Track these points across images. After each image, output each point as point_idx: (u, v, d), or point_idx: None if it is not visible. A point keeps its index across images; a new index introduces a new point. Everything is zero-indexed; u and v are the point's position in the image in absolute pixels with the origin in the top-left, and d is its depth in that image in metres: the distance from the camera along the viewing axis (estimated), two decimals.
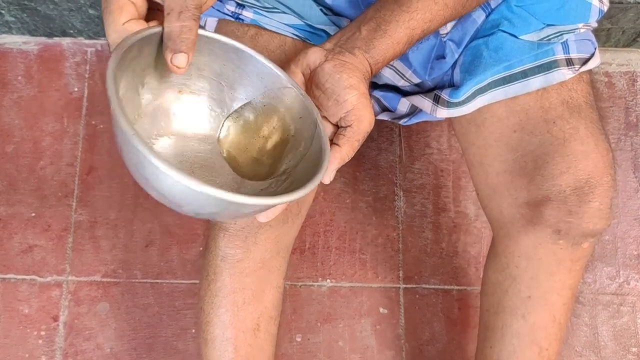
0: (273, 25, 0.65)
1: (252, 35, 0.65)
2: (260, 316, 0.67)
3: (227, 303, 0.65)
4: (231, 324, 0.66)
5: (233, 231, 0.63)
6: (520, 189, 0.64)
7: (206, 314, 0.67)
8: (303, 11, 0.65)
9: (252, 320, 0.66)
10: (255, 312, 0.66)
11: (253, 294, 0.65)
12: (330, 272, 0.95)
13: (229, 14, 0.66)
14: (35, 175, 0.96)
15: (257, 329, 0.66)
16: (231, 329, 0.66)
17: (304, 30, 0.65)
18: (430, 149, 1.00)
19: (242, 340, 0.66)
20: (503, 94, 0.65)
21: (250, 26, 0.65)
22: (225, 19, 0.67)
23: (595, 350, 0.94)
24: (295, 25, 0.65)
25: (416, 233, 0.97)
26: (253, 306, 0.66)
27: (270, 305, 0.69)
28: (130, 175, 0.99)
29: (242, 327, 0.66)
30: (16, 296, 0.91)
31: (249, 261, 0.65)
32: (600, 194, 0.61)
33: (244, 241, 0.64)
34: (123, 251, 0.93)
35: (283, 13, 0.64)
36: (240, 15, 0.65)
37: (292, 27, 0.65)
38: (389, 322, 0.94)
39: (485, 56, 0.65)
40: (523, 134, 0.64)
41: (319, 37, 0.66)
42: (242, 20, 0.65)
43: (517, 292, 0.67)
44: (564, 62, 0.64)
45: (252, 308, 0.66)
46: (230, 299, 0.65)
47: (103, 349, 0.90)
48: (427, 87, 0.71)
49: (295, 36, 0.65)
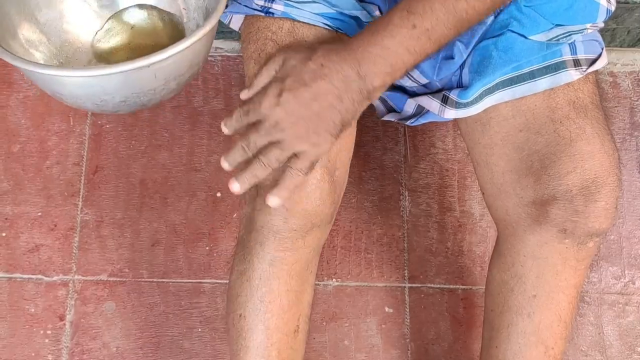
0: (305, 17, 0.64)
1: (288, 29, 0.64)
2: (300, 317, 0.66)
3: (273, 308, 0.63)
4: (277, 328, 0.64)
5: (284, 233, 0.61)
6: (526, 188, 0.64)
7: (248, 320, 0.64)
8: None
9: (294, 322, 0.65)
10: (297, 314, 0.66)
11: (295, 295, 0.65)
12: (336, 272, 0.95)
13: (258, 8, 0.66)
14: (41, 174, 0.96)
15: (297, 330, 0.66)
16: (277, 333, 0.64)
17: (336, 19, 0.65)
18: (436, 149, 1.01)
19: (285, 343, 0.65)
20: (510, 95, 0.65)
21: (284, 20, 0.64)
22: (255, 14, 0.66)
23: (600, 350, 0.94)
24: (327, 14, 0.64)
25: (421, 232, 0.97)
26: (296, 308, 0.65)
27: (307, 304, 0.68)
28: (137, 175, 1.00)
29: (286, 330, 0.65)
30: (22, 295, 0.91)
31: (297, 264, 0.64)
32: (606, 194, 0.62)
33: (294, 243, 0.62)
34: (129, 250, 0.94)
35: (314, 2, 0.64)
36: (270, 9, 0.65)
37: (323, 17, 0.64)
38: (394, 321, 0.94)
39: (495, 57, 0.65)
40: (529, 134, 0.64)
41: (350, 26, 0.66)
42: (273, 14, 0.65)
43: (523, 291, 0.68)
44: (572, 63, 0.64)
45: (295, 309, 0.65)
46: (277, 304, 0.64)
47: (109, 348, 0.90)
48: (435, 88, 0.71)
49: (327, 26, 0.65)
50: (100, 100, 0.53)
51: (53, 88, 0.54)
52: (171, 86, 0.55)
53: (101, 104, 0.54)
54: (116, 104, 0.54)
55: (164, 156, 0.97)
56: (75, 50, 0.63)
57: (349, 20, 0.66)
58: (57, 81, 0.52)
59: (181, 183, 0.97)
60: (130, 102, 0.54)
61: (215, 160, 0.98)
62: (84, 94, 0.52)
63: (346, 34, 0.66)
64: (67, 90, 0.53)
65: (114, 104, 0.54)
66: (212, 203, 0.96)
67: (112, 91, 0.52)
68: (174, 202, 0.96)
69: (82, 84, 0.51)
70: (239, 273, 0.66)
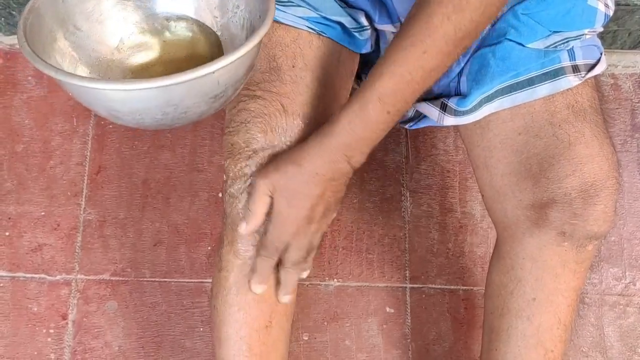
0: (288, 19, 0.65)
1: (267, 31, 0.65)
2: (272, 313, 0.67)
3: (239, 301, 0.65)
4: (245, 323, 0.65)
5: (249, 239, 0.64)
6: (525, 191, 0.64)
7: (219, 312, 0.66)
8: (317, 3, 0.65)
9: (265, 318, 0.66)
10: (268, 310, 0.66)
11: (266, 291, 0.65)
12: (337, 272, 0.95)
13: None
14: (44, 174, 0.96)
15: (269, 326, 0.66)
16: (245, 327, 0.65)
17: (319, 23, 0.65)
18: (437, 150, 1.01)
19: (256, 338, 0.66)
20: (510, 102, 0.66)
21: None
22: None
23: (601, 351, 0.94)
24: (310, 18, 0.65)
25: (423, 233, 0.97)
26: (265, 303, 0.66)
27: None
28: (139, 175, 1.00)
29: (255, 326, 0.65)
30: (25, 294, 0.91)
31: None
32: (605, 197, 0.62)
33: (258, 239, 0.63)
34: (132, 250, 0.94)
35: (298, 6, 0.65)
36: None
37: (306, 20, 0.65)
38: (395, 322, 0.94)
39: (493, 65, 0.65)
40: (528, 137, 0.64)
41: (334, 30, 0.66)
42: None
43: (522, 293, 0.68)
44: (570, 69, 0.65)
45: (264, 306, 0.66)
46: (243, 297, 0.65)
47: (111, 347, 0.91)
48: (433, 94, 0.71)
49: (310, 29, 0.65)
50: (162, 113, 0.50)
51: (109, 105, 0.50)
52: (229, 93, 0.54)
53: (161, 118, 0.51)
54: (177, 117, 0.52)
55: (166, 156, 0.98)
56: (106, 68, 0.61)
57: (333, 25, 0.66)
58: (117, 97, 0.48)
59: (183, 183, 0.97)
60: (190, 112, 0.52)
61: (217, 160, 0.98)
62: (145, 108, 0.50)
63: (330, 38, 0.66)
64: (127, 107, 0.50)
65: (174, 117, 0.52)
66: (214, 203, 0.96)
67: (177, 101, 0.49)
68: (176, 202, 0.96)
69: (144, 98, 0.48)
70: (215, 266, 0.68)
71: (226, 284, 0.66)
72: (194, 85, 0.48)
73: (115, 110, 0.50)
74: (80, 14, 0.58)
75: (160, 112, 0.50)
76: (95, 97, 0.49)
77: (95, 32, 0.60)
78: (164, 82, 0.46)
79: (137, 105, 0.49)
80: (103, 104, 0.50)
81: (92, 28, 0.59)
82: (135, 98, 0.48)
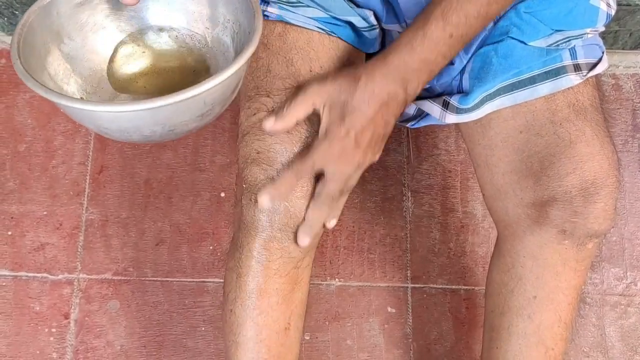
0: (298, 20, 0.65)
1: (280, 32, 0.65)
2: (291, 315, 0.66)
3: (261, 304, 0.64)
4: (265, 325, 0.64)
5: (271, 232, 0.62)
6: (526, 189, 0.65)
7: (238, 316, 0.65)
8: (327, 3, 0.65)
9: (285, 320, 0.65)
10: (287, 312, 0.66)
11: (285, 293, 0.65)
12: (339, 272, 0.95)
13: None
14: (47, 174, 0.97)
15: (288, 328, 0.66)
16: (265, 330, 0.65)
17: (329, 23, 0.65)
18: (438, 150, 1.01)
19: (275, 340, 0.65)
20: (511, 100, 0.66)
21: (277, 23, 0.65)
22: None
23: (602, 351, 0.94)
24: (320, 18, 0.65)
25: (424, 233, 0.97)
26: (285, 305, 0.65)
27: (299, 303, 0.68)
28: (141, 175, 1.00)
29: (275, 328, 0.65)
30: (28, 294, 0.92)
31: (286, 262, 0.64)
32: (605, 195, 0.62)
33: (281, 242, 0.62)
34: (134, 249, 0.94)
35: (307, 7, 0.65)
36: (265, 12, 0.65)
37: (316, 20, 0.65)
38: (397, 321, 0.94)
39: (495, 63, 0.65)
40: (529, 135, 0.65)
41: (344, 29, 0.66)
42: (267, 16, 0.65)
43: (523, 292, 0.68)
44: (572, 68, 0.65)
45: (284, 307, 0.65)
46: (265, 301, 0.64)
47: (113, 347, 0.91)
48: (436, 92, 0.72)
49: (320, 30, 0.65)
50: (149, 131, 0.52)
51: (99, 124, 0.52)
52: (215, 110, 0.55)
53: (149, 135, 0.53)
54: (164, 134, 0.53)
55: (168, 156, 0.98)
56: (100, 79, 0.62)
57: (343, 24, 0.66)
58: (106, 117, 0.51)
59: (185, 183, 0.97)
60: (177, 130, 0.53)
61: (219, 160, 0.98)
62: (134, 127, 0.52)
63: (340, 37, 0.66)
64: (116, 125, 0.52)
65: (162, 134, 0.53)
66: (216, 203, 0.97)
67: (165, 121, 0.51)
68: (178, 202, 0.96)
69: (133, 118, 0.50)
70: (230, 269, 0.66)
71: (247, 289, 0.64)
72: (182, 106, 0.49)
73: (105, 127, 0.52)
74: (74, 24, 0.59)
75: (149, 130, 0.52)
76: (85, 116, 0.51)
77: (89, 43, 0.61)
78: (152, 104, 0.47)
79: (126, 125, 0.51)
80: (93, 122, 0.52)
81: (86, 38, 0.61)
82: (124, 118, 0.50)
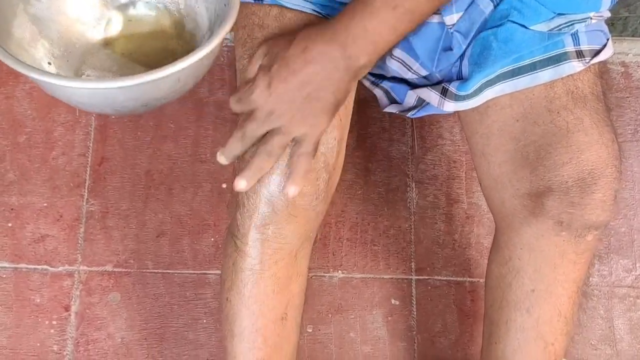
0: (294, 3, 0.64)
1: (276, 15, 0.64)
2: (288, 305, 0.65)
3: (256, 293, 0.63)
4: (261, 314, 0.64)
5: (262, 220, 0.61)
6: (522, 179, 0.64)
7: (233, 304, 0.64)
8: None
9: (281, 309, 0.65)
10: (284, 301, 0.65)
11: (281, 282, 0.64)
12: (342, 263, 0.94)
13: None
14: (47, 165, 0.96)
15: (285, 318, 0.65)
16: (261, 319, 0.64)
17: (325, 6, 0.64)
18: (443, 140, 1.00)
19: (272, 330, 0.64)
20: (512, 87, 0.64)
21: (272, 6, 0.64)
22: (245, 1, 0.66)
23: (610, 344, 0.93)
24: (316, 1, 0.64)
25: (428, 224, 0.96)
26: (281, 295, 0.64)
27: (297, 294, 0.67)
28: (142, 166, 1.00)
29: (271, 317, 0.64)
30: (28, 286, 0.91)
31: (282, 250, 0.63)
32: (603, 186, 0.61)
33: (278, 229, 0.61)
34: (134, 241, 0.93)
35: None
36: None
37: (312, 3, 0.64)
38: (400, 314, 0.93)
39: (495, 48, 0.64)
40: (526, 124, 0.63)
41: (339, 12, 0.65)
42: (262, 0, 0.65)
43: (521, 285, 0.67)
44: (574, 55, 0.63)
45: (281, 297, 0.64)
46: (261, 289, 0.63)
47: (114, 339, 0.90)
48: (435, 80, 0.70)
49: (316, 13, 0.64)
50: (122, 106, 0.53)
51: (72, 98, 0.53)
52: (188, 85, 0.56)
53: (121, 109, 0.54)
54: (137, 107, 0.54)
55: (169, 147, 0.97)
56: (67, 42, 0.61)
57: (338, 7, 0.65)
58: (80, 93, 0.51)
59: (186, 174, 0.96)
60: (150, 104, 0.54)
61: None
62: (107, 103, 0.53)
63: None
64: (89, 100, 0.53)
65: (134, 108, 0.54)
66: (218, 194, 0.96)
67: (137, 97, 0.52)
68: (179, 193, 0.95)
69: (107, 94, 0.51)
70: (226, 257, 0.66)
71: (242, 276, 0.64)
72: (156, 83, 0.50)
73: (78, 101, 0.53)
74: None
75: (121, 105, 0.53)
76: (58, 90, 0.52)
77: (56, 3, 0.60)
78: (127, 82, 0.48)
79: (100, 100, 0.52)
80: (66, 96, 0.53)
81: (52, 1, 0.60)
82: (99, 94, 0.51)
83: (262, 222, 0.61)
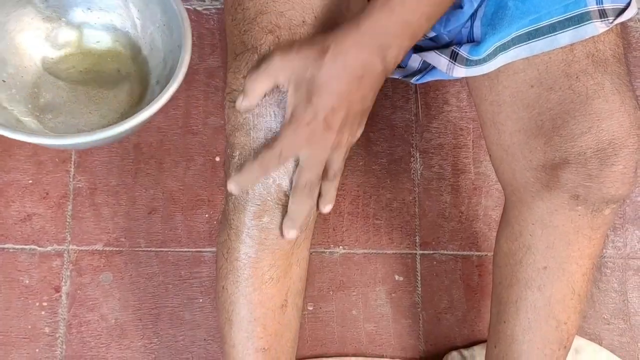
0: None
1: None
2: (288, 292, 0.62)
3: (254, 282, 0.60)
4: (260, 303, 0.60)
5: (260, 203, 0.56)
6: (535, 150, 0.60)
7: (230, 293, 0.61)
8: None
9: (281, 297, 0.61)
10: (284, 288, 0.62)
11: (281, 269, 0.60)
12: (343, 239, 0.90)
13: None
14: None
15: (285, 305, 0.62)
16: (260, 308, 0.60)
17: None
18: (449, 106, 0.95)
19: (272, 318, 0.61)
20: (528, 51, 0.60)
21: None
22: None
23: (624, 318, 0.90)
24: None
25: (434, 196, 0.92)
26: (281, 282, 0.61)
27: (297, 279, 0.64)
28: (130, 139, 0.95)
29: (270, 306, 0.61)
30: (16, 267, 0.88)
31: (277, 235, 0.59)
32: (624, 157, 0.57)
33: (273, 213, 0.57)
34: (125, 219, 0.90)
35: None
36: None
37: None
38: (405, 290, 0.90)
39: (511, 7, 0.59)
40: (541, 90, 0.59)
41: None
42: None
43: (532, 262, 0.64)
44: (597, 14, 0.58)
45: (280, 284, 0.61)
46: (258, 277, 0.60)
47: (108, 320, 0.87)
48: (443, 42, 0.66)
49: None
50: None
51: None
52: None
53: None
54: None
55: (158, 119, 0.92)
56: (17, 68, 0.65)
57: None
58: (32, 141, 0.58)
59: (177, 147, 0.92)
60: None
61: (212, 122, 0.92)
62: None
63: None
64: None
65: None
66: (211, 168, 0.91)
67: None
68: (170, 168, 0.91)
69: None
70: (220, 244, 0.62)
71: (238, 264, 0.60)
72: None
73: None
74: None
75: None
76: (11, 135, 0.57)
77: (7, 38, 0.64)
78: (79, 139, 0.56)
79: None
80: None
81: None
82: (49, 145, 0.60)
83: (256, 209, 0.57)
